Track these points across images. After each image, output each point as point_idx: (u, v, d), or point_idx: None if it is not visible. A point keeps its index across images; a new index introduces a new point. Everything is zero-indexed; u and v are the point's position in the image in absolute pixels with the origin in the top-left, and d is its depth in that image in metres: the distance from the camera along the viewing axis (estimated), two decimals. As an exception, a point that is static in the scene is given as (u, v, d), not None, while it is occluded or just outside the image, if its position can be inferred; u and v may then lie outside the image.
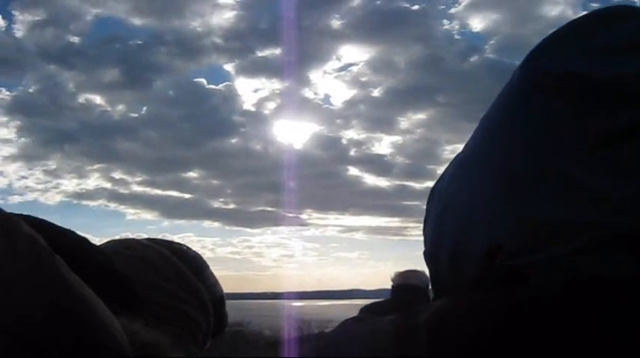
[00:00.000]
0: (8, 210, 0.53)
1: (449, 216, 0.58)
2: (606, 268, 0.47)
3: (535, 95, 0.54)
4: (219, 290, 1.05)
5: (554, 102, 0.52)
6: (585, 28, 0.56)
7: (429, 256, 0.62)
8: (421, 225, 0.64)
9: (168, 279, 0.94)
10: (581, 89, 0.51)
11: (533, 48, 0.57)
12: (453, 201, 0.58)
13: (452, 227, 0.57)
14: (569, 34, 0.56)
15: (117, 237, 1.05)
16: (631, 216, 0.47)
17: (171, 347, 0.62)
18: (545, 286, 0.49)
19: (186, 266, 0.98)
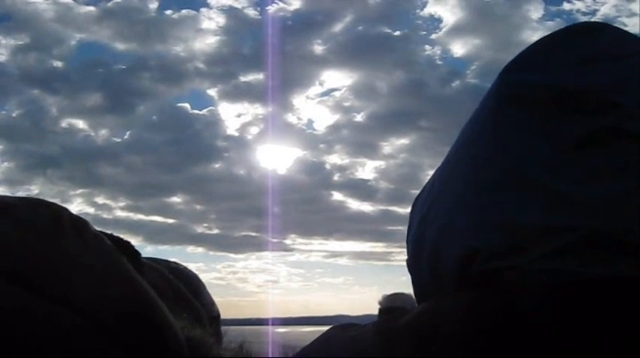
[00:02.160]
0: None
1: (429, 223, 0.59)
2: (582, 269, 0.48)
3: (511, 105, 0.56)
4: (216, 310, 1.06)
5: (529, 112, 0.54)
6: (560, 41, 0.58)
7: (411, 264, 0.63)
8: (405, 250, 0.65)
9: (166, 297, 0.95)
10: (555, 99, 0.53)
11: (510, 60, 0.59)
12: (434, 207, 0.59)
13: (432, 233, 0.58)
14: (544, 47, 0.58)
15: None
16: (603, 218, 0.48)
17: (213, 344, 0.64)
18: (522, 289, 0.49)
19: (183, 285, 0.98)
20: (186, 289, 0.98)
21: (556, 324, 0.46)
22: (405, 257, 0.65)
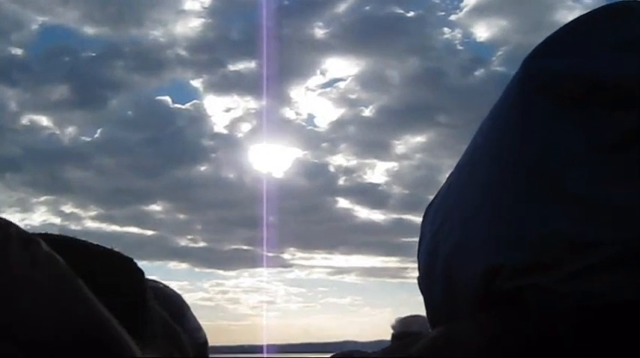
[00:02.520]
0: None
1: (443, 236, 0.54)
2: (617, 291, 0.43)
3: (537, 98, 0.50)
4: (203, 336, 0.96)
5: (559, 106, 0.49)
6: (592, 24, 0.52)
7: (422, 281, 0.58)
8: None
9: None
10: (589, 90, 0.47)
11: (536, 45, 0.52)
12: (448, 219, 0.54)
13: (447, 247, 0.53)
14: (576, 29, 0.52)
15: None
16: None
17: None
18: (548, 312, 0.45)
19: (163, 307, 0.87)
20: (166, 312, 0.88)
21: (587, 354, 0.42)
22: None
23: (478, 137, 0.55)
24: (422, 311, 0.59)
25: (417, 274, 0.59)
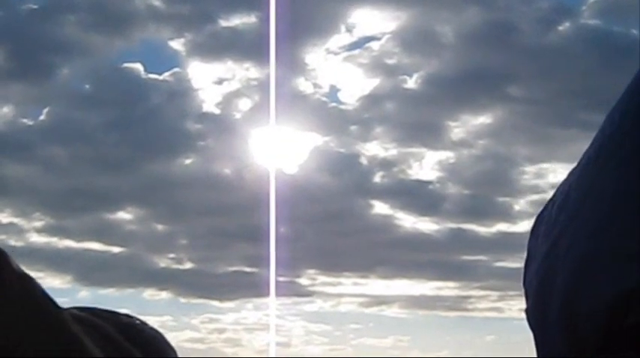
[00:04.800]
0: None
1: (562, 254, 0.47)
2: None
3: None
4: None
5: None
6: None
7: (532, 314, 0.51)
8: (491, 292, 0.53)
9: None
10: None
11: None
12: (568, 233, 0.47)
13: (566, 268, 0.47)
14: None
15: None
16: None
17: None
18: None
19: (140, 350, 0.73)
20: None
21: None
22: (491, 301, 0.52)
23: (607, 127, 0.48)
24: (492, 354, 0.50)
25: (483, 305, 0.50)
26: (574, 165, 0.51)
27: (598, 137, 0.49)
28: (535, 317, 0.50)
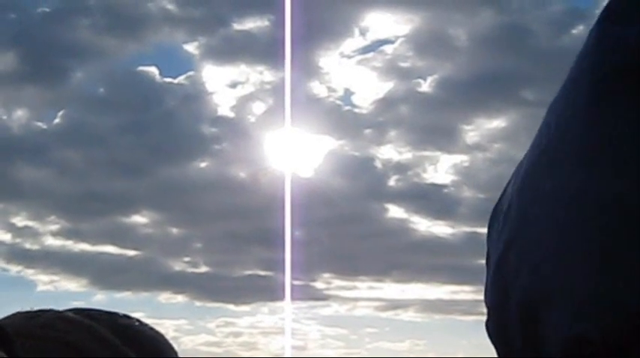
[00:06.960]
0: None
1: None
2: None
3: (616, 85, 0.37)
4: None
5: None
6: None
7: (491, 327, 0.44)
8: None
9: None
10: None
11: None
12: (520, 233, 0.41)
13: (518, 286, 0.41)
14: None
15: (27, 309, 0.75)
16: None
17: None
18: None
19: (135, 352, 0.72)
20: None
21: None
22: None
23: (552, 121, 0.41)
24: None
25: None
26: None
27: (544, 130, 0.42)
28: (494, 331, 0.43)
